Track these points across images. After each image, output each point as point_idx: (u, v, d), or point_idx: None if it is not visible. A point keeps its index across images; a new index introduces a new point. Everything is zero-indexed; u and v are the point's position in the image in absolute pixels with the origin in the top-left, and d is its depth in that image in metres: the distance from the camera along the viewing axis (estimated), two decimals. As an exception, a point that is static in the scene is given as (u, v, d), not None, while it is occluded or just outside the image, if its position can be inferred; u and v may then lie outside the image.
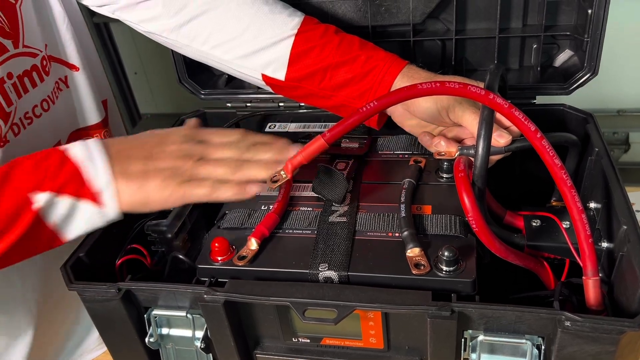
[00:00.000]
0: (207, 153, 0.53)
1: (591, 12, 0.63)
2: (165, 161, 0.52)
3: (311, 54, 0.63)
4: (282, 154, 0.54)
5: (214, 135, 0.55)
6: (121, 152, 0.52)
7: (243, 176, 0.53)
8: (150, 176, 0.51)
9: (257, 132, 0.56)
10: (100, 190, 0.50)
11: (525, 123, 0.48)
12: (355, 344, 0.53)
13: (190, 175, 0.52)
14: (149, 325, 0.55)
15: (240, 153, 0.54)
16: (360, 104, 0.61)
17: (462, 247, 0.51)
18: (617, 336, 0.42)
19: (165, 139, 0.54)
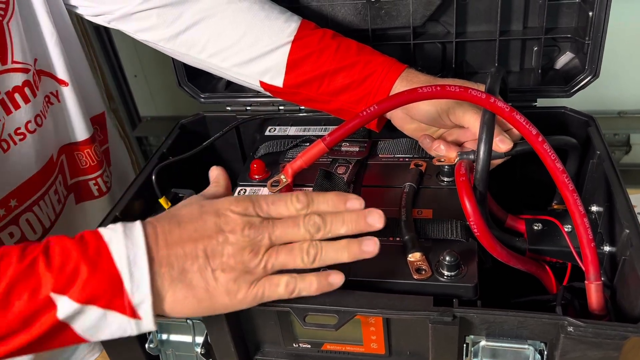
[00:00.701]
0: (275, 236, 0.44)
1: (592, 14, 0.63)
2: (229, 258, 0.43)
3: (309, 60, 0.63)
4: (360, 224, 0.45)
5: (275, 206, 0.45)
6: (171, 249, 0.42)
7: (323, 263, 0.45)
8: (213, 281, 0.42)
9: (319, 193, 0.46)
10: (140, 304, 0.41)
11: (526, 127, 0.48)
12: (356, 349, 0.53)
13: (262, 271, 0.44)
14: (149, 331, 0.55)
15: (313, 231, 0.44)
16: (359, 108, 0.60)
17: (463, 251, 0.50)
18: (620, 342, 0.42)
19: (222, 224, 0.43)
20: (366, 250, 0.44)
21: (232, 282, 0.43)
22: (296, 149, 0.69)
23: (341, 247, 0.45)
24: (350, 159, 0.65)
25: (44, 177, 0.66)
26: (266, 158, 0.68)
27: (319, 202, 0.45)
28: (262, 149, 0.70)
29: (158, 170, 0.62)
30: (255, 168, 0.65)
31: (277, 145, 0.70)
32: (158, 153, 0.69)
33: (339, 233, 0.44)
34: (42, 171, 0.65)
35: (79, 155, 0.73)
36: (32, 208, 0.65)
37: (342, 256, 0.45)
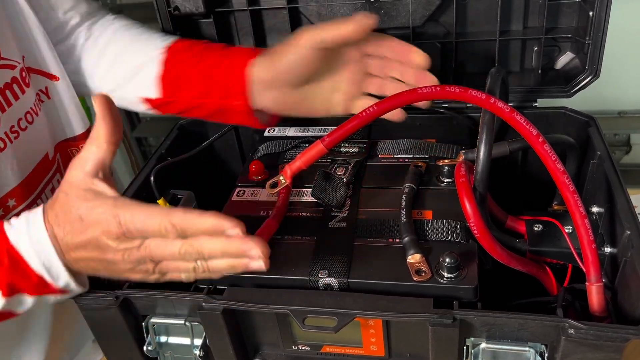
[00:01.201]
0: (157, 258, 0.45)
1: (592, 14, 0.63)
2: (124, 272, 0.47)
3: (179, 65, 0.64)
4: (240, 256, 0.43)
5: (147, 232, 0.43)
6: (74, 253, 0.46)
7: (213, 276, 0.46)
8: (121, 275, 0.47)
9: (192, 216, 0.42)
10: (64, 287, 0.48)
11: (527, 127, 0.48)
12: (356, 351, 0.52)
13: (160, 276, 0.47)
14: (147, 334, 0.54)
15: (192, 260, 0.44)
16: (232, 102, 0.62)
17: (463, 253, 0.50)
18: (621, 344, 0.41)
19: (105, 251, 0.45)
20: (253, 269, 0.43)
21: (137, 279, 0.48)
22: (295, 149, 0.68)
23: (228, 265, 0.44)
24: (350, 160, 0.65)
25: (41, 175, 0.66)
26: (265, 159, 0.68)
27: (192, 232, 0.42)
28: (261, 149, 0.70)
29: (157, 171, 0.62)
30: (254, 169, 0.64)
31: (276, 146, 0.69)
32: (157, 154, 0.69)
33: (219, 265, 0.44)
34: (38, 169, 0.65)
35: (76, 150, 0.73)
36: (31, 207, 0.65)
37: (231, 271, 0.44)
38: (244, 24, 0.75)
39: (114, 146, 0.46)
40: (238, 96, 0.62)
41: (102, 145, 0.46)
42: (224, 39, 0.77)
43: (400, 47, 0.60)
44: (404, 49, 0.59)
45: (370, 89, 0.63)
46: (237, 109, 0.63)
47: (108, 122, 0.46)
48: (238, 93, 0.62)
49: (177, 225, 0.42)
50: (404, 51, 0.59)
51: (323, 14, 0.72)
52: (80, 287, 0.50)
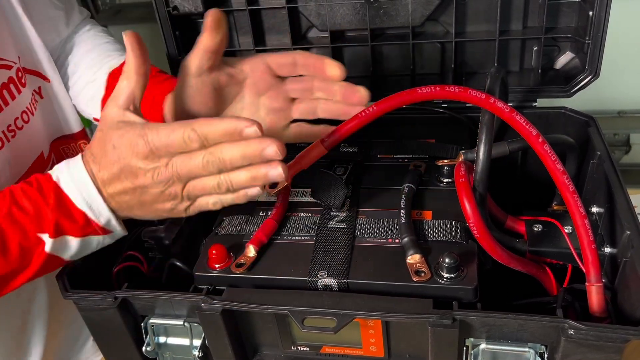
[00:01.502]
0: (184, 176, 0.46)
1: (592, 14, 0.63)
2: (156, 200, 0.48)
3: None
4: (257, 159, 0.45)
5: (173, 148, 0.45)
6: (110, 186, 0.48)
7: (238, 189, 0.48)
8: (153, 208, 0.49)
9: (211, 123, 0.44)
10: (106, 224, 0.50)
11: (526, 127, 0.48)
12: (356, 352, 0.52)
13: (188, 202, 0.48)
14: (146, 334, 0.54)
15: (216, 172, 0.46)
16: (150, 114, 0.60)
17: (463, 253, 0.50)
18: (621, 344, 0.41)
19: (135, 176, 0.47)
20: (272, 177, 0.46)
21: (169, 210, 0.49)
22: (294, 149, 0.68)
23: (249, 176, 0.46)
24: (349, 160, 0.65)
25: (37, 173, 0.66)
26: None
27: (213, 138, 0.44)
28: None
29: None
30: None
31: None
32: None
33: (240, 177, 0.46)
34: (33, 167, 0.66)
35: (73, 147, 0.73)
36: None
37: (252, 183, 0.46)
38: (243, 24, 0.75)
39: (144, 77, 0.48)
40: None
41: (132, 77, 0.48)
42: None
43: (313, 62, 0.56)
44: (317, 64, 0.56)
45: (296, 115, 0.60)
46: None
47: (137, 55, 0.48)
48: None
49: (199, 131, 0.44)
50: (318, 66, 0.56)
51: (322, 13, 0.72)
52: (121, 226, 0.51)
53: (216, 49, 0.54)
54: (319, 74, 0.57)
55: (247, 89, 0.58)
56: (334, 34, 0.73)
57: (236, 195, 0.48)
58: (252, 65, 0.58)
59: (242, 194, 0.47)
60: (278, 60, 0.57)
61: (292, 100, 0.59)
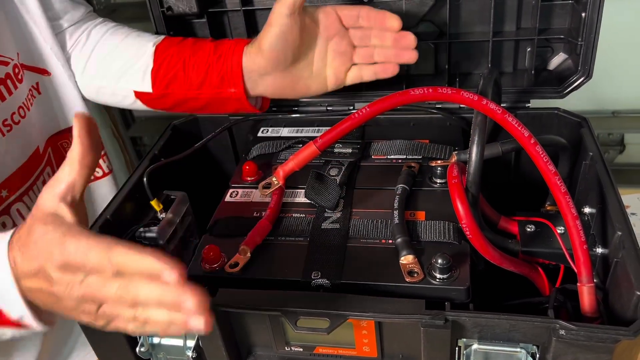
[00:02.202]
0: (98, 300, 0.41)
1: (585, 15, 0.63)
2: (72, 311, 0.43)
3: (170, 58, 0.66)
4: (177, 307, 0.38)
5: (81, 255, 0.40)
6: (28, 282, 0.43)
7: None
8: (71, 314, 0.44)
9: (130, 255, 0.39)
10: (19, 319, 0.45)
11: (518, 129, 0.48)
12: (349, 352, 0.52)
13: (106, 322, 0.42)
14: (139, 335, 0.54)
15: (129, 307, 0.40)
16: (225, 91, 0.64)
17: (455, 254, 0.50)
18: (612, 345, 0.42)
19: (50, 279, 0.41)
20: (192, 328, 0.39)
21: (86, 323, 0.43)
22: (289, 150, 0.68)
23: (167, 320, 0.40)
24: (343, 161, 0.65)
25: (31, 168, 0.67)
26: (259, 159, 0.68)
27: (130, 272, 0.39)
28: (255, 150, 0.70)
29: (149, 172, 0.62)
30: (247, 170, 0.64)
31: (270, 147, 0.69)
32: (150, 154, 0.68)
33: (158, 318, 0.40)
34: (28, 162, 0.66)
35: (67, 143, 0.73)
36: (22, 198, 0.66)
37: (170, 328, 0.40)
38: (238, 24, 0.75)
39: (88, 170, 0.43)
40: (233, 85, 0.63)
41: (74, 167, 0.43)
42: (217, 39, 0.77)
43: (374, 15, 0.63)
44: (378, 16, 0.63)
45: (357, 59, 0.66)
46: (232, 97, 0.64)
47: (84, 144, 0.43)
48: (233, 82, 0.63)
49: (114, 262, 0.39)
50: (379, 18, 0.63)
51: (316, 14, 0.72)
52: (39, 322, 0.46)
53: None
54: (378, 24, 0.63)
55: (321, 33, 0.64)
56: (328, 35, 0.73)
57: (156, 330, 0.41)
58: (325, 13, 0.63)
59: (161, 330, 0.41)
60: (346, 11, 0.63)
61: (354, 47, 0.65)
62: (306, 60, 0.64)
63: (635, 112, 1.41)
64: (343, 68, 0.65)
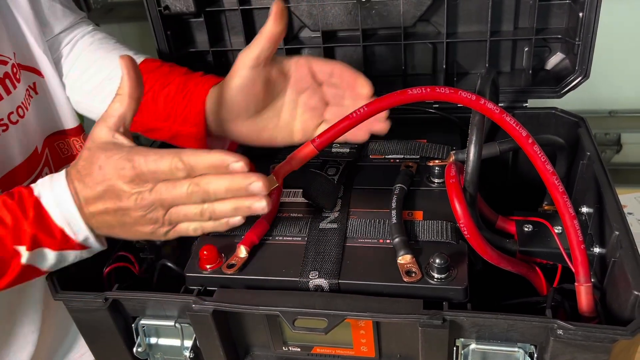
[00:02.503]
0: (167, 203, 0.47)
1: (582, 15, 0.63)
2: (137, 222, 0.48)
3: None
4: (242, 192, 0.46)
5: (159, 174, 0.46)
6: (91, 206, 0.49)
7: (220, 218, 0.49)
8: (134, 230, 0.49)
9: (199, 154, 0.45)
10: (84, 241, 0.51)
11: (516, 128, 0.48)
12: (347, 352, 0.52)
13: (169, 226, 0.49)
14: (137, 335, 0.54)
15: (199, 201, 0.47)
16: (187, 129, 0.62)
17: (453, 253, 0.50)
18: (609, 344, 0.42)
19: (119, 197, 0.47)
20: (255, 210, 0.47)
21: (149, 233, 0.49)
22: (286, 150, 0.68)
23: (232, 207, 0.47)
24: (341, 160, 0.65)
25: (29, 168, 0.67)
26: (256, 159, 0.67)
27: (199, 169, 0.45)
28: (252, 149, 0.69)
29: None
30: None
31: None
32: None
33: (224, 207, 0.47)
34: (26, 162, 0.66)
35: (67, 144, 0.73)
36: None
37: (235, 214, 0.47)
38: (235, 24, 0.75)
39: (136, 102, 0.48)
40: (194, 125, 0.61)
41: (124, 100, 0.48)
42: (214, 38, 0.76)
43: (348, 76, 0.60)
44: (351, 78, 0.60)
45: (328, 117, 0.62)
46: (195, 137, 0.62)
47: (132, 79, 0.48)
48: (195, 122, 0.61)
49: (186, 161, 0.45)
50: (352, 80, 0.60)
51: (314, 13, 0.72)
52: (99, 243, 0.51)
53: (277, 39, 0.56)
54: (349, 88, 0.60)
55: (290, 86, 0.61)
56: (325, 34, 0.73)
57: (218, 224, 0.48)
58: (297, 65, 0.61)
59: (223, 222, 0.48)
60: (319, 65, 0.61)
61: (326, 104, 0.63)
62: (272, 111, 0.61)
63: (632, 112, 1.42)
64: (312, 123, 0.62)
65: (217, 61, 0.78)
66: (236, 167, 0.45)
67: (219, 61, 0.78)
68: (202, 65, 0.78)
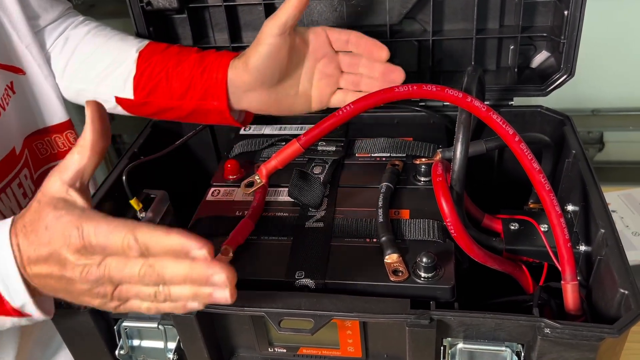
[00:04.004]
0: (116, 280, 0.41)
1: (567, 13, 0.63)
2: (82, 295, 0.43)
3: (154, 66, 0.64)
4: (202, 283, 0.39)
5: (109, 249, 0.40)
6: (35, 267, 0.43)
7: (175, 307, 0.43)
8: (79, 299, 0.44)
9: (158, 234, 0.39)
10: (21, 308, 0.45)
11: (503, 126, 0.48)
12: (333, 353, 0.52)
13: (118, 302, 0.43)
14: (119, 337, 0.53)
15: (152, 284, 0.41)
16: (209, 104, 0.62)
17: (440, 252, 0.50)
18: (596, 343, 0.42)
19: (64, 266, 0.41)
20: (217, 300, 0.40)
21: (96, 305, 0.43)
22: (271, 148, 0.68)
23: (191, 294, 0.40)
24: (327, 159, 0.64)
25: (7, 169, 0.65)
26: (241, 158, 0.67)
27: (155, 250, 0.39)
28: (237, 148, 0.69)
29: (129, 170, 0.60)
30: (229, 168, 0.63)
31: (252, 145, 0.68)
32: (129, 152, 0.67)
33: (181, 292, 0.40)
34: (4, 163, 0.64)
35: (48, 142, 0.71)
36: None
37: (193, 301, 0.41)
38: (219, 20, 0.74)
39: (99, 156, 0.43)
40: (217, 98, 0.62)
41: (85, 153, 0.43)
42: (198, 35, 0.75)
43: (365, 43, 0.62)
44: (368, 44, 0.62)
45: (343, 85, 0.65)
46: (215, 110, 0.63)
47: (96, 130, 0.43)
48: (217, 95, 0.62)
49: (141, 241, 0.39)
50: (369, 47, 0.62)
51: (299, 10, 0.71)
52: (39, 311, 0.46)
53: (303, 6, 0.58)
54: (366, 53, 0.62)
55: (309, 54, 0.63)
56: (311, 31, 0.72)
57: (174, 306, 0.42)
58: (315, 34, 0.63)
59: (180, 305, 0.42)
60: (336, 34, 0.63)
61: (341, 72, 0.65)
62: (293, 79, 0.63)
63: (615, 111, 1.43)
64: (328, 90, 0.64)
65: (200, 58, 0.77)
66: (198, 254, 0.38)
67: (202, 58, 0.77)
68: (186, 62, 0.77)
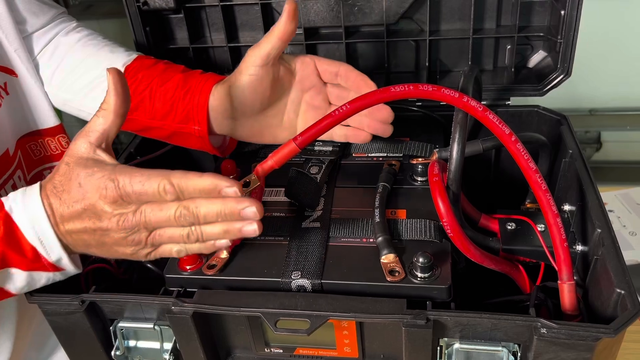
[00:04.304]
0: (151, 226, 0.45)
1: (564, 13, 0.63)
2: (117, 243, 0.46)
3: (138, 84, 0.63)
4: (234, 218, 0.44)
5: (144, 196, 0.44)
6: (68, 224, 0.46)
7: (207, 241, 0.47)
8: (111, 250, 0.47)
9: (189, 177, 0.43)
10: (57, 262, 0.48)
11: (499, 126, 0.48)
12: (330, 353, 0.52)
13: (152, 247, 0.47)
14: (115, 338, 0.53)
15: (187, 224, 0.45)
16: (189, 127, 0.61)
17: (437, 252, 0.50)
18: (592, 343, 0.42)
19: (100, 218, 0.45)
20: (246, 233, 0.45)
21: (129, 254, 0.47)
22: (268, 148, 0.67)
23: (222, 230, 0.45)
24: (324, 159, 0.64)
25: (1, 171, 0.64)
26: (237, 158, 0.66)
27: (189, 192, 0.43)
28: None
29: (125, 171, 0.60)
30: (225, 168, 0.63)
31: (249, 145, 0.68)
32: (125, 152, 0.67)
33: (213, 230, 0.45)
34: None
35: (41, 144, 0.71)
36: None
37: (224, 237, 0.46)
38: (216, 20, 0.74)
39: (121, 118, 0.47)
40: (197, 122, 0.60)
41: (109, 116, 0.46)
42: (194, 35, 0.75)
43: (354, 77, 0.60)
44: (357, 79, 0.60)
45: None
46: (195, 134, 0.61)
47: (118, 94, 0.46)
48: (197, 119, 0.60)
49: (176, 184, 0.43)
50: (357, 82, 0.60)
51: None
52: (73, 264, 0.49)
53: (288, 38, 0.56)
54: (355, 88, 0.60)
55: (296, 84, 0.62)
56: (308, 31, 0.73)
57: (204, 245, 0.46)
58: (302, 64, 0.61)
59: (209, 244, 0.46)
60: (325, 65, 0.61)
61: (329, 103, 0.63)
62: (277, 109, 0.62)
63: (612, 111, 1.44)
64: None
65: (197, 58, 0.77)
66: (229, 192, 0.43)
67: (199, 58, 0.77)
68: (183, 62, 0.76)
